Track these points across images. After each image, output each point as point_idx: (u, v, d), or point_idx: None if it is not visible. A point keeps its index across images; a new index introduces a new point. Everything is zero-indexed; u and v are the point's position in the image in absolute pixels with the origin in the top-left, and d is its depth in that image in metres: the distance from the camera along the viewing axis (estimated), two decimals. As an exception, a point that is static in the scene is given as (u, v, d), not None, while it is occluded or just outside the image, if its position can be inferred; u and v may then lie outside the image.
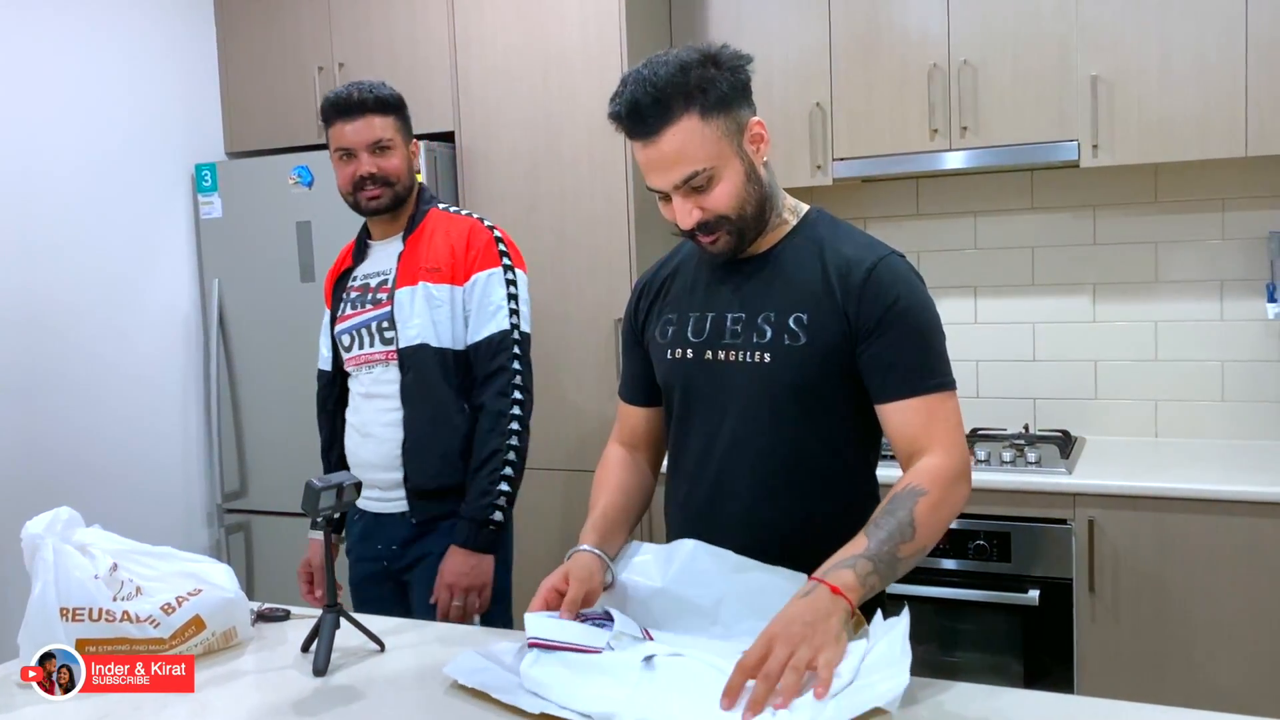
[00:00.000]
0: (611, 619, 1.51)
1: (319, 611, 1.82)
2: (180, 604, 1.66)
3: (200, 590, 1.69)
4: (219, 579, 1.74)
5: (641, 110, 1.47)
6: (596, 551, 1.62)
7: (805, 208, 1.65)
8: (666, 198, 1.53)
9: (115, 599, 1.63)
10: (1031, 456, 2.84)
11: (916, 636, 1.35)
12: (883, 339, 1.51)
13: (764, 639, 1.30)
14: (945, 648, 2.82)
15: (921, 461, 1.49)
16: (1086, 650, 2.70)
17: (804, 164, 3.14)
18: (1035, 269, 3.27)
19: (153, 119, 3.34)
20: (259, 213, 3.37)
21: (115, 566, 1.66)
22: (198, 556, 1.79)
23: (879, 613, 1.44)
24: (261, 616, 1.86)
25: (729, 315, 1.60)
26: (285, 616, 1.88)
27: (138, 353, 3.29)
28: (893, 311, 1.51)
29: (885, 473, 1.62)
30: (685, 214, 1.52)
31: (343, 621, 1.68)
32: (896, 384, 1.51)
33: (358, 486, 1.69)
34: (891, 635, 1.34)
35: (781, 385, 1.55)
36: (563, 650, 1.43)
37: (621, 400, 1.83)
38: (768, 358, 1.55)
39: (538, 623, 1.47)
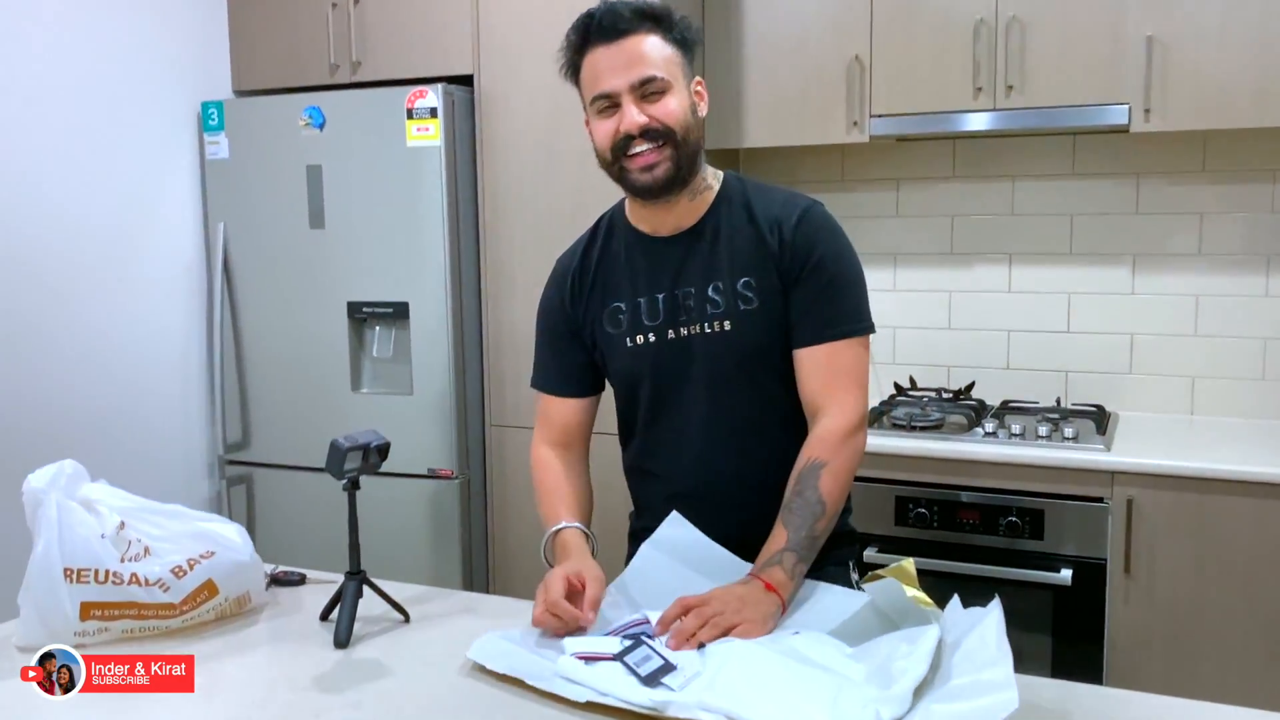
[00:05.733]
0: (649, 635, 1.40)
1: (336, 576, 1.73)
2: (192, 567, 1.56)
3: (213, 553, 1.59)
4: (233, 540, 1.64)
5: (615, 16, 1.54)
6: (583, 528, 1.63)
7: (721, 174, 1.68)
8: (608, 111, 1.55)
9: (123, 560, 1.52)
10: (1068, 432, 2.74)
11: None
12: (801, 287, 1.57)
13: (704, 594, 1.42)
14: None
15: (819, 426, 1.56)
16: (1118, 633, 2.61)
17: (839, 120, 3.01)
18: (1074, 237, 3.15)
19: (157, 53, 3.18)
20: (268, 154, 3.23)
21: (123, 525, 1.57)
22: (209, 515, 1.69)
23: (955, 598, 1.34)
24: (275, 580, 1.76)
25: (679, 292, 1.61)
26: (301, 580, 1.78)
27: (138, 297, 3.16)
28: (811, 260, 1.57)
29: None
30: (634, 116, 1.53)
31: (364, 589, 1.58)
32: (805, 331, 1.58)
33: (384, 448, 1.58)
34: (983, 629, 1.23)
35: (746, 349, 1.60)
36: (608, 659, 1.33)
37: (546, 395, 1.77)
38: (728, 325, 1.59)
39: (577, 645, 1.37)
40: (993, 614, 1.25)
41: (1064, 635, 2.67)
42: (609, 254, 1.70)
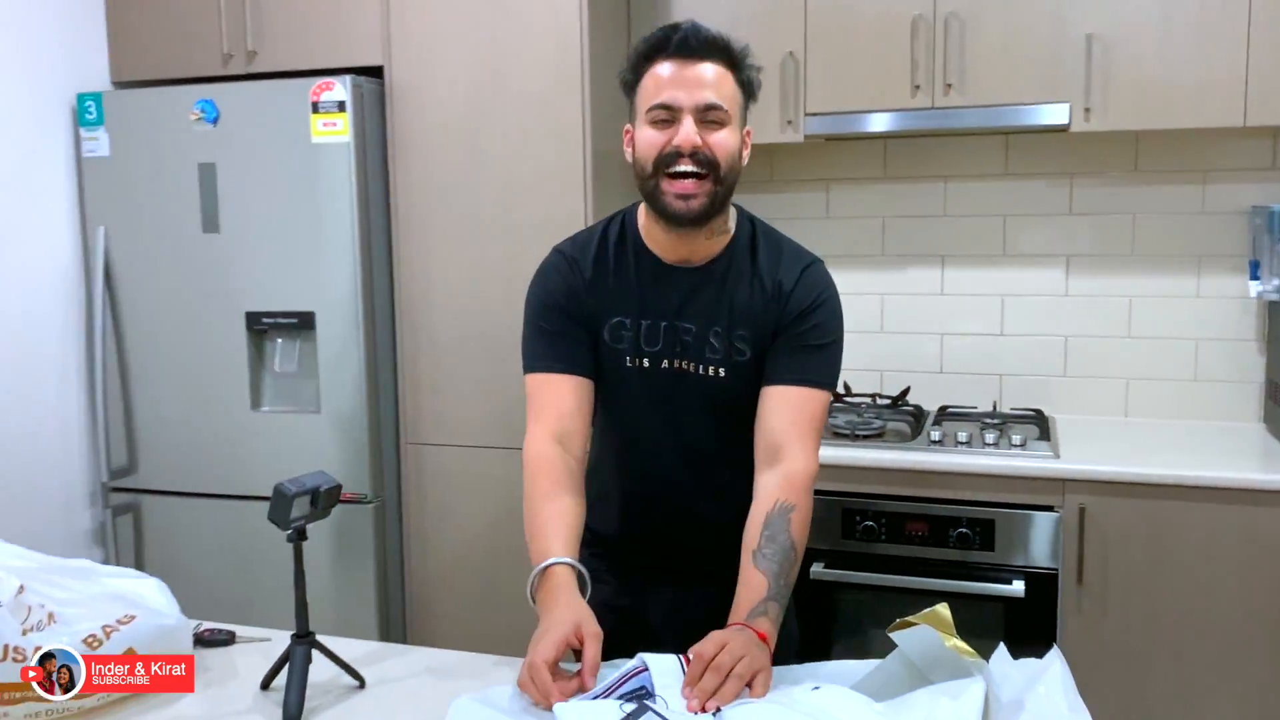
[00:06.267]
0: (649, 690, 1.24)
1: (268, 633, 1.52)
2: (109, 635, 1.33)
3: (132, 616, 1.36)
4: (154, 601, 1.41)
5: (698, 38, 1.52)
6: (576, 565, 1.45)
7: (736, 215, 1.69)
8: (662, 124, 1.51)
9: (24, 631, 1.28)
10: (1015, 439, 2.68)
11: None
12: (788, 332, 1.60)
13: (716, 640, 1.33)
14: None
15: (782, 468, 1.55)
16: (1071, 644, 2.55)
17: (773, 119, 2.89)
18: (1007, 238, 3.10)
19: (22, 38, 2.86)
20: (154, 152, 2.94)
21: (21, 589, 1.32)
22: (123, 571, 1.46)
23: (1002, 647, 1.22)
24: (200, 641, 1.53)
25: (679, 325, 1.62)
26: (229, 640, 1.55)
27: (7, 309, 2.84)
28: (803, 310, 1.60)
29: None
30: (690, 133, 1.51)
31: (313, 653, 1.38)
32: (782, 370, 1.60)
33: (335, 491, 1.37)
34: (1046, 685, 1.11)
35: (735, 397, 1.62)
36: None
37: (548, 376, 1.64)
38: (723, 372, 1.61)
39: (571, 712, 1.20)
40: (1054, 666, 1.13)
41: (1016, 648, 2.59)
42: (623, 265, 1.65)
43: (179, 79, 2.99)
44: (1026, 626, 2.57)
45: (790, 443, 1.56)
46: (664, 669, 1.29)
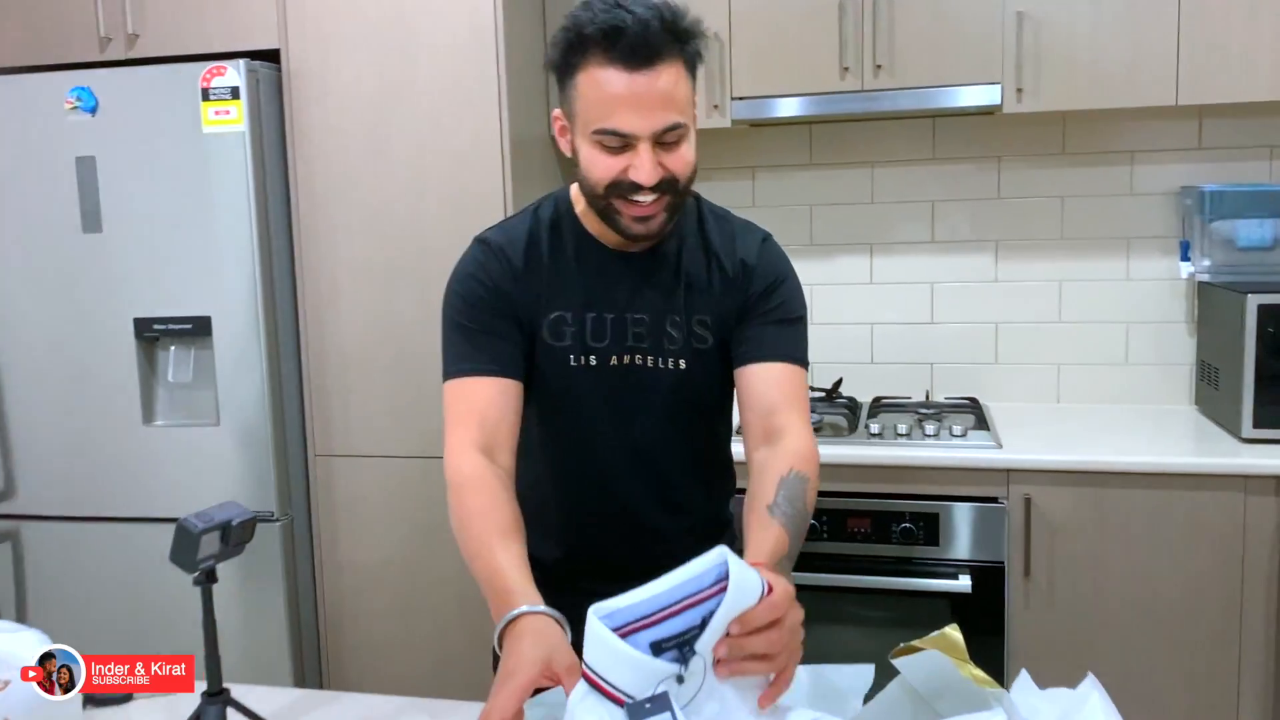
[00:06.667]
0: (698, 630, 1.06)
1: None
2: (-21, 706, 1.13)
3: (8, 682, 1.16)
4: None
5: (647, 35, 1.29)
6: (554, 614, 1.21)
7: None
8: (617, 149, 1.35)
9: (-127, 708, 1.08)
10: (956, 429, 2.60)
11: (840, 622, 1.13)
12: (760, 309, 1.51)
13: (785, 600, 1.09)
14: (868, 640, 2.55)
15: (787, 444, 1.43)
16: (1019, 638, 2.50)
17: (698, 103, 2.75)
18: (935, 224, 3.03)
19: None
20: (24, 144, 2.68)
21: None
22: (-4, 624, 1.25)
23: (1024, 675, 1.11)
24: (92, 700, 1.34)
25: (629, 316, 1.50)
26: (127, 698, 1.36)
27: None
28: (772, 286, 1.52)
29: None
30: (651, 169, 1.34)
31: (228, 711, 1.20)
32: (767, 349, 1.49)
33: (249, 525, 1.20)
34: (1087, 714, 1.00)
35: (699, 388, 1.54)
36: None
37: (474, 380, 1.46)
38: (683, 364, 1.51)
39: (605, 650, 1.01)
40: (1092, 697, 1.02)
41: (966, 645, 2.53)
42: (560, 252, 1.50)
43: (50, 65, 2.74)
44: (974, 622, 2.49)
45: (790, 420, 1.45)
46: (741, 596, 1.05)
